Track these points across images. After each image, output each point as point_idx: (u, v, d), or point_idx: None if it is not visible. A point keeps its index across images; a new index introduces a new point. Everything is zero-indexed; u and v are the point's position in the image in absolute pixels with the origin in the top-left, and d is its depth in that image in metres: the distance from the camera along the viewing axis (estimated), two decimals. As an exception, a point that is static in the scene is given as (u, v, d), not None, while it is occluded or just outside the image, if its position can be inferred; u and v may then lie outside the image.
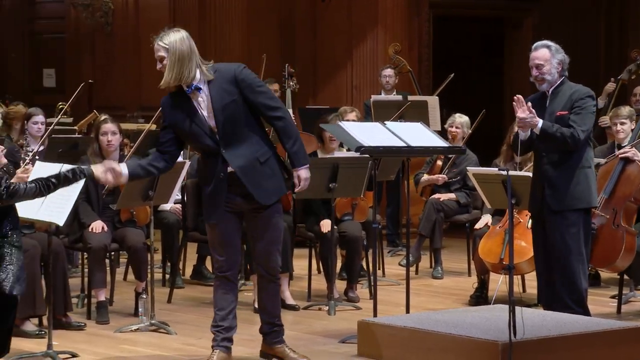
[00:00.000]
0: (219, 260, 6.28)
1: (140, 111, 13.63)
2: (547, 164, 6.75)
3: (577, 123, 6.67)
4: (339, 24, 12.81)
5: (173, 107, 6.19)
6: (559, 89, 6.81)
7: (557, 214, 6.74)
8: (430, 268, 9.75)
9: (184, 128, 6.15)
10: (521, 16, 13.73)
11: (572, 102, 6.74)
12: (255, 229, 6.26)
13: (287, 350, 6.38)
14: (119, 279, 8.91)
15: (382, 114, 10.14)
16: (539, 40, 6.94)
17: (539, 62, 6.79)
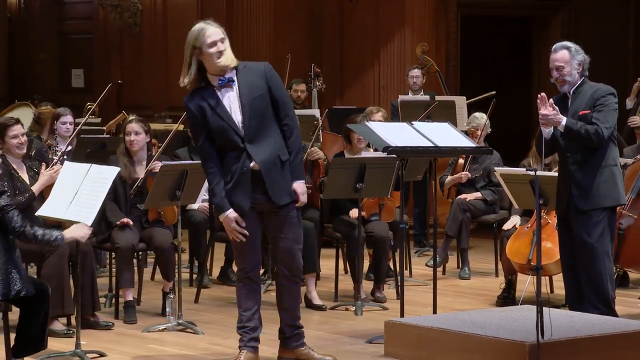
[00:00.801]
0: (242, 261, 6.28)
1: (167, 111, 13.69)
2: (572, 164, 6.73)
3: (600, 120, 6.65)
4: (366, 24, 12.81)
5: (198, 103, 6.13)
6: (580, 89, 6.79)
7: (583, 213, 6.71)
8: (458, 268, 9.72)
9: (210, 122, 6.11)
10: (549, 15, 13.68)
11: (593, 101, 6.73)
12: (275, 229, 6.24)
13: (311, 352, 6.37)
14: (147, 278, 8.94)
15: (409, 114, 10.12)
16: (565, 40, 6.91)
17: (559, 64, 6.77)
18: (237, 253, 6.30)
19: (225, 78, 6.13)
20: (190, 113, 6.16)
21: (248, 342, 6.30)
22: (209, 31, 6.17)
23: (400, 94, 11.56)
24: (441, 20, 12.75)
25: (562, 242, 6.91)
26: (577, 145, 6.71)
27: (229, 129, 6.10)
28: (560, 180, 6.89)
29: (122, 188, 7.76)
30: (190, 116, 6.18)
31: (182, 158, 8.88)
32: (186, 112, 6.22)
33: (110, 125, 11.17)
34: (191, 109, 6.14)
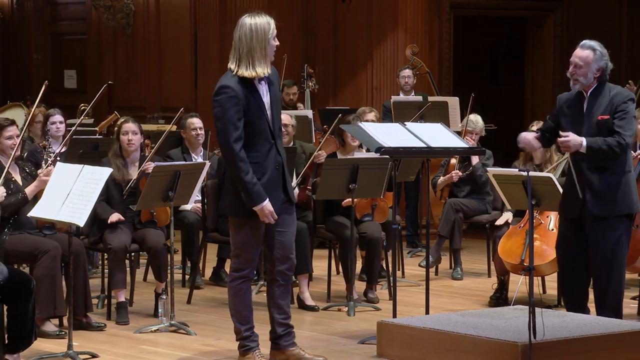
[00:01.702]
0: (253, 263, 6.26)
1: (160, 112, 13.68)
2: (587, 169, 6.64)
3: (624, 128, 6.58)
4: (360, 25, 12.81)
5: (243, 91, 6.11)
6: (598, 91, 6.69)
7: (600, 220, 6.65)
8: (450, 269, 9.73)
9: (252, 111, 6.10)
10: (543, 16, 13.69)
11: (613, 106, 6.63)
12: (277, 224, 6.24)
13: (302, 352, 6.37)
14: (139, 279, 8.94)
15: (402, 115, 10.13)
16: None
17: (579, 61, 6.67)
18: (244, 253, 6.24)
19: (266, 76, 6.21)
20: (236, 99, 6.07)
21: (254, 343, 6.29)
22: (273, 25, 6.36)
23: (392, 95, 11.57)
24: (434, 21, 12.75)
25: (567, 246, 6.83)
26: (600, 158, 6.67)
27: (265, 122, 6.15)
28: (570, 182, 6.77)
29: (116, 189, 7.75)
30: (234, 101, 6.07)
31: (175, 159, 8.89)
32: (229, 95, 6.08)
33: (103, 125, 11.16)
34: (238, 94, 6.09)
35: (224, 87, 6.09)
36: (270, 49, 6.25)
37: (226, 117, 6.05)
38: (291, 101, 11.61)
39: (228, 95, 6.07)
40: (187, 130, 9.18)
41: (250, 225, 6.20)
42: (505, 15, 13.97)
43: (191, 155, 9.17)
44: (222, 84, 6.12)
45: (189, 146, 9.21)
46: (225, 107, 6.06)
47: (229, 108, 6.06)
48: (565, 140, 6.56)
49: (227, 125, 6.04)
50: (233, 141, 6.03)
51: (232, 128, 6.05)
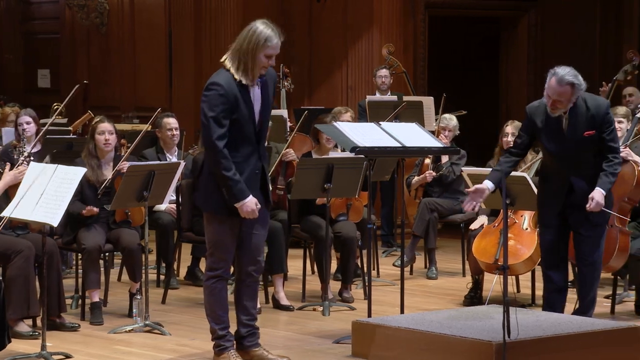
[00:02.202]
0: (226, 262, 6.25)
1: (135, 112, 13.64)
2: (578, 181, 6.75)
3: (614, 141, 6.76)
4: (335, 24, 12.81)
5: (233, 90, 6.05)
6: (573, 109, 6.71)
7: (587, 219, 6.76)
8: (425, 268, 9.75)
9: (239, 111, 6.06)
10: (517, 16, 13.74)
11: (595, 120, 6.70)
12: (249, 225, 6.23)
13: (264, 352, 6.36)
14: (113, 279, 8.91)
15: (376, 115, 10.14)
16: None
17: (559, 97, 6.63)
18: (217, 252, 6.23)
19: (261, 78, 6.18)
20: (225, 97, 6.02)
21: (229, 342, 6.28)
22: (275, 43, 6.19)
23: (367, 95, 11.58)
24: (409, 21, 12.77)
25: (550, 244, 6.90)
26: (580, 164, 6.74)
27: (252, 126, 6.11)
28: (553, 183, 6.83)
29: (90, 190, 7.72)
30: (223, 99, 6.02)
31: (149, 158, 8.87)
32: (219, 93, 6.01)
33: (76, 125, 11.12)
34: (228, 92, 6.03)
35: (215, 84, 6.04)
36: (258, 63, 6.10)
37: (212, 114, 6.01)
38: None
39: (217, 92, 6.03)
40: (162, 130, 9.15)
41: (225, 223, 6.18)
42: (479, 15, 14.01)
43: (166, 155, 9.15)
44: (214, 80, 6.07)
45: (163, 146, 9.19)
46: (212, 104, 6.02)
47: (216, 105, 6.01)
48: (592, 208, 6.67)
49: (212, 122, 6.00)
50: (216, 138, 5.99)
51: (216, 125, 6.00)
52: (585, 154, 6.74)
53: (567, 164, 6.76)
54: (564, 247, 6.92)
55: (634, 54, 11.38)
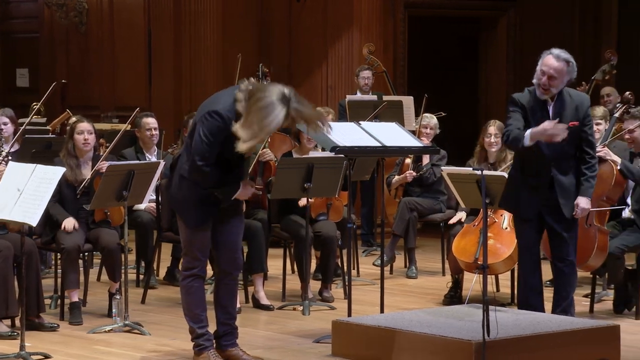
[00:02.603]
0: (201, 261, 6.24)
1: (114, 111, 13.60)
2: (558, 173, 6.77)
3: (593, 137, 6.86)
4: (315, 24, 12.81)
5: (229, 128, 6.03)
6: (560, 97, 6.78)
7: (565, 217, 6.79)
8: (405, 268, 9.76)
9: (230, 146, 6.04)
10: (496, 16, 13.78)
11: (579, 112, 6.77)
12: (224, 222, 6.24)
13: (240, 352, 6.35)
14: (93, 279, 8.87)
15: (357, 114, 10.15)
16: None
17: (554, 73, 6.68)
18: (192, 251, 6.22)
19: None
20: (225, 131, 5.97)
21: (209, 342, 6.27)
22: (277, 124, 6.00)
23: (348, 94, 11.58)
24: (389, 20, 12.79)
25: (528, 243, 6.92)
26: (563, 154, 6.75)
27: (236, 159, 6.16)
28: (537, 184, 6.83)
29: (69, 189, 7.69)
30: (221, 133, 5.99)
31: (128, 158, 8.85)
32: (218, 124, 5.98)
33: (55, 124, 11.08)
34: (227, 127, 5.97)
35: (218, 115, 5.97)
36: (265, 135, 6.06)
37: (207, 141, 5.99)
38: (246, 100, 11.58)
39: (217, 124, 5.97)
40: (141, 130, 9.13)
41: (201, 230, 6.19)
42: (459, 15, 14.04)
43: (145, 154, 9.12)
44: (218, 109, 5.97)
45: (143, 146, 9.17)
46: (210, 132, 5.99)
47: (213, 134, 5.99)
48: (579, 215, 6.77)
49: (204, 147, 5.99)
50: (204, 163, 6.01)
51: (207, 151, 6.01)
52: (568, 145, 6.75)
53: (549, 154, 6.75)
54: (538, 247, 6.94)
55: (612, 53, 11.43)
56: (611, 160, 7.61)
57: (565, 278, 6.91)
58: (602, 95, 11.12)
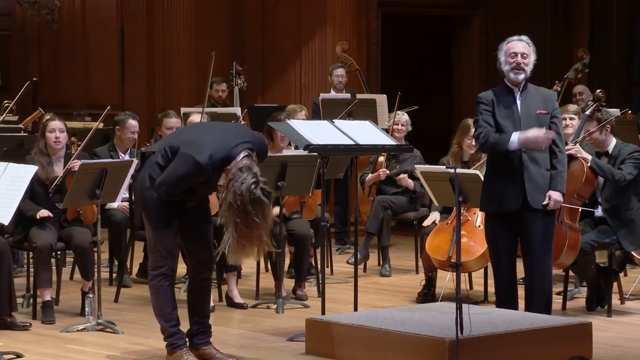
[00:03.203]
0: (169, 259, 6.23)
1: (87, 109, 13.54)
2: (529, 162, 6.79)
3: (560, 133, 6.87)
4: (288, 22, 12.80)
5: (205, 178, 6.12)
6: (526, 87, 6.87)
7: (538, 213, 6.80)
8: (379, 266, 9.77)
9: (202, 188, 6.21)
10: (469, 15, 13.82)
11: (546, 103, 6.85)
12: (195, 219, 6.23)
13: (214, 351, 6.33)
14: (65, 278, 8.84)
15: (330, 112, 10.15)
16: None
17: (524, 51, 6.83)
18: (158, 250, 6.21)
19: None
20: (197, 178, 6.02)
21: (182, 340, 6.26)
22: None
23: (321, 92, 11.58)
24: (362, 18, 12.80)
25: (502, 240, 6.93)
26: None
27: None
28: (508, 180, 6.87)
29: (41, 188, 7.66)
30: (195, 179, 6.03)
31: (101, 156, 8.80)
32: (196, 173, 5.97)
33: (27, 122, 11.01)
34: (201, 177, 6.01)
35: (199, 166, 5.92)
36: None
37: (178, 181, 6.01)
38: (220, 98, 11.57)
39: (195, 172, 5.96)
40: (124, 130, 9.01)
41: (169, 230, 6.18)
42: (431, 13, 14.07)
43: (118, 153, 9.08)
44: (202, 162, 5.90)
45: (118, 144, 9.08)
46: (184, 176, 5.99)
47: (186, 178, 6.00)
48: (552, 207, 6.79)
49: (173, 184, 6.01)
50: (168, 195, 6.04)
51: (175, 188, 6.03)
52: None
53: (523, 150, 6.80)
54: (512, 245, 6.95)
55: (584, 52, 11.49)
56: (582, 158, 7.65)
57: (537, 274, 6.92)
58: (574, 94, 11.18)
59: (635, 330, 7.31)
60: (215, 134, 6.08)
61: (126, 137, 9.04)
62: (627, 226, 7.75)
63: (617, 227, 7.73)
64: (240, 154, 5.93)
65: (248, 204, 5.73)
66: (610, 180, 7.68)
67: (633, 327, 7.43)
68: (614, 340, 6.97)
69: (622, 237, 7.72)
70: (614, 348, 6.78)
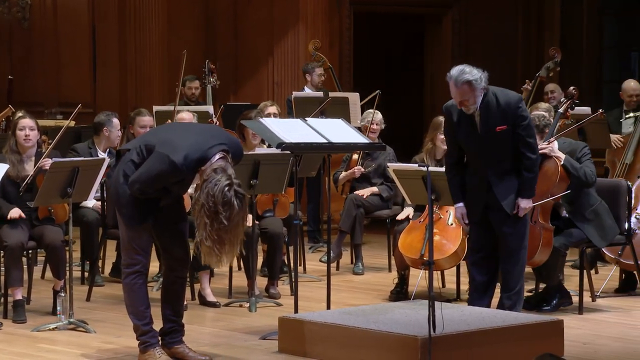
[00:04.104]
0: (142, 257, 6.21)
1: (58, 107, 13.47)
2: (495, 178, 6.83)
3: (531, 136, 6.83)
4: (261, 20, 12.79)
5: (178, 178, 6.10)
6: (485, 102, 6.81)
7: (507, 214, 6.84)
8: (351, 264, 9.78)
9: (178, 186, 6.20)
10: (441, 13, 13.85)
11: (507, 115, 6.78)
12: (171, 215, 6.22)
13: (186, 349, 6.32)
14: (37, 277, 8.79)
15: (303, 110, 10.14)
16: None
17: (462, 98, 6.76)
18: (131, 247, 6.18)
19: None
20: (176, 176, 5.98)
21: (154, 339, 6.24)
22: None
23: (294, 90, 11.58)
24: (334, 16, 12.80)
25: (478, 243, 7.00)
26: (496, 151, 6.80)
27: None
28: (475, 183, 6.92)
29: (11, 186, 7.61)
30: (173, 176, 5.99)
31: (80, 153, 8.75)
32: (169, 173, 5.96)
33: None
34: (174, 176, 6.00)
35: (174, 166, 5.89)
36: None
37: (152, 179, 5.98)
38: (193, 95, 11.55)
39: (169, 172, 5.93)
40: (112, 130, 8.94)
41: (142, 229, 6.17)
42: (404, 12, 14.09)
43: (97, 151, 9.01)
44: (177, 162, 5.88)
45: (99, 144, 8.98)
46: (158, 174, 5.96)
47: (160, 177, 5.98)
48: (521, 213, 6.81)
49: (147, 182, 5.99)
50: (142, 193, 6.01)
51: (149, 186, 6.00)
52: (501, 149, 6.82)
53: (484, 160, 6.86)
54: (488, 245, 6.99)
55: (555, 51, 11.54)
56: (556, 157, 7.67)
57: (508, 274, 6.96)
58: (546, 92, 11.24)
59: (607, 328, 7.35)
60: (191, 134, 6.07)
61: (115, 136, 8.98)
62: (593, 223, 7.78)
63: (584, 226, 7.75)
64: (215, 155, 5.92)
65: (219, 205, 5.72)
66: (583, 179, 7.68)
67: (604, 324, 7.47)
68: (585, 338, 7.00)
69: (591, 235, 7.75)
70: (586, 345, 6.81)
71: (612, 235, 7.84)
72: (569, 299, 7.86)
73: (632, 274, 8.46)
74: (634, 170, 9.84)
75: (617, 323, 7.52)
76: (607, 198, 7.94)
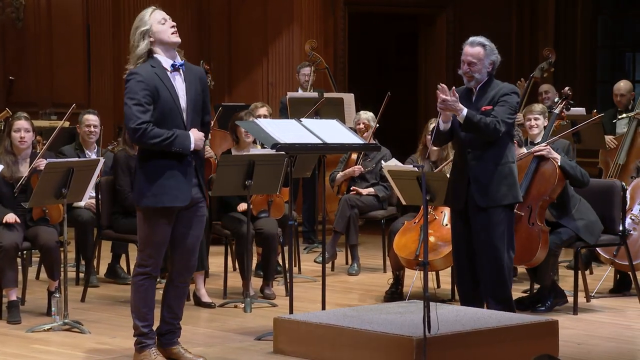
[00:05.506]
0: (155, 260, 6.16)
1: (52, 108, 13.46)
2: (471, 159, 6.81)
3: (499, 114, 6.75)
4: (255, 20, 12.79)
5: (152, 77, 5.97)
6: (486, 87, 6.87)
7: (483, 210, 6.81)
8: (346, 264, 9.79)
9: (162, 100, 5.99)
10: (434, 13, 13.86)
11: (496, 98, 6.83)
12: (184, 224, 6.18)
13: (182, 350, 6.31)
14: (31, 278, 8.78)
15: (298, 111, 10.15)
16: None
17: (472, 59, 6.82)
18: (147, 247, 6.13)
19: (177, 62, 6.09)
20: (144, 84, 5.92)
21: (151, 340, 6.23)
22: (157, 11, 6.18)
23: (288, 91, 11.58)
24: (329, 17, 12.81)
25: (458, 239, 6.98)
26: (477, 141, 6.79)
27: (177, 112, 6.05)
28: (456, 174, 6.93)
29: (6, 187, 7.61)
30: (142, 86, 5.92)
31: (67, 155, 8.77)
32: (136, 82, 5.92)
33: (-4, 120, 10.94)
34: (145, 79, 5.93)
35: (132, 73, 5.96)
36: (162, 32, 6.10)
37: (133, 101, 5.92)
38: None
39: (137, 82, 5.93)
40: (80, 127, 9.08)
41: (160, 220, 6.08)
42: (398, 12, 14.10)
43: (85, 152, 9.05)
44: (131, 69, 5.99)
45: (82, 142, 9.08)
46: (132, 92, 5.93)
47: (136, 92, 5.92)
48: (446, 99, 6.65)
49: (133, 110, 5.92)
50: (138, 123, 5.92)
51: (138, 110, 5.91)
52: None
53: (465, 138, 6.82)
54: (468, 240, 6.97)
55: (549, 51, 11.56)
56: (553, 159, 7.66)
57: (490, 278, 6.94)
58: (540, 93, 11.26)
59: (601, 328, 7.36)
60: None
61: (82, 132, 9.03)
62: (580, 220, 7.78)
63: (572, 224, 7.76)
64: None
65: None
66: (580, 179, 7.69)
67: (599, 324, 7.49)
68: (580, 338, 7.02)
69: (581, 232, 7.76)
70: (580, 346, 6.83)
71: (599, 230, 7.86)
72: (563, 298, 7.87)
73: (626, 275, 8.47)
74: (627, 171, 9.86)
75: (610, 323, 7.54)
76: (601, 199, 7.95)
